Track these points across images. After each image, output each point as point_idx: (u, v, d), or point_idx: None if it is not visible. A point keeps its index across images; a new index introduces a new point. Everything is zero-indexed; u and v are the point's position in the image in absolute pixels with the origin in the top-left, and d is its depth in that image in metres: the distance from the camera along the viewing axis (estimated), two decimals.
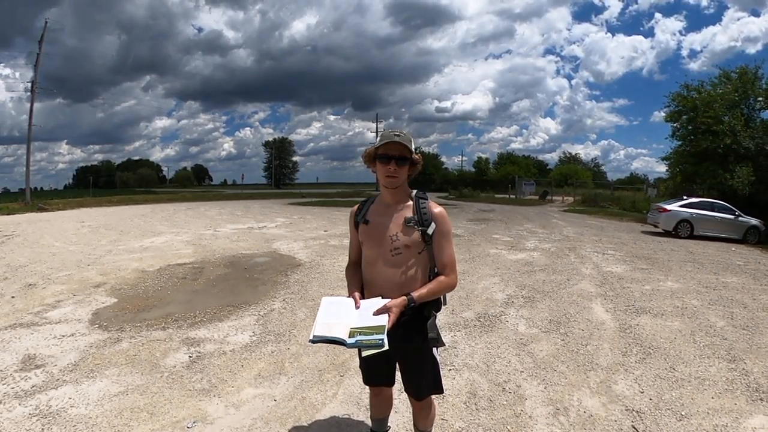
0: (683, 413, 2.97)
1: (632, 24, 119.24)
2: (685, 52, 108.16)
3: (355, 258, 2.05)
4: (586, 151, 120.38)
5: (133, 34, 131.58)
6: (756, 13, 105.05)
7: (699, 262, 8.99)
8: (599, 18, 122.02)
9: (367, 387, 2.26)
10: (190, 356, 3.67)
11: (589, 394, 3.19)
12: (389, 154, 1.82)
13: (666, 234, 13.59)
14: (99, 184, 61.02)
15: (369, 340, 1.61)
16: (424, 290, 1.81)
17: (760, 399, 3.23)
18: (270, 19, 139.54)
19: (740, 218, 13.53)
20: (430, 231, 1.84)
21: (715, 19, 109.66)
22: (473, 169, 55.14)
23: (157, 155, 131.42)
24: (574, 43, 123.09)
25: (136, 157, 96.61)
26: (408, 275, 1.86)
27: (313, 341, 1.66)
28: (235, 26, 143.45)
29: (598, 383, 3.37)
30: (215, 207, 21.21)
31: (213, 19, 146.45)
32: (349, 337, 1.64)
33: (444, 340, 2.01)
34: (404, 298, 1.76)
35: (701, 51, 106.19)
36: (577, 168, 52.10)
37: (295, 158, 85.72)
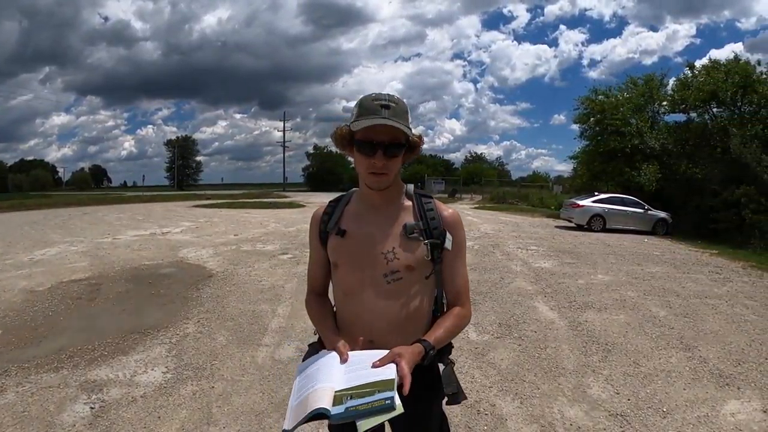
0: (664, 409, 3.03)
1: (538, 34, 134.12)
2: (585, 62, 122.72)
3: (319, 286, 1.50)
4: (489, 151, 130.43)
5: (36, 20, 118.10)
6: (654, 29, 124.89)
7: (619, 254, 9.76)
8: (507, 27, 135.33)
9: None
10: (92, 407, 2.96)
11: (568, 403, 3.09)
12: (375, 140, 1.26)
13: (579, 228, 14.76)
14: None
15: (367, 404, 1.07)
16: (440, 331, 1.31)
17: (727, 384, 3.45)
18: (181, 11, 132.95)
19: (649, 212, 15.21)
20: (448, 245, 1.36)
21: (616, 32, 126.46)
22: None
23: (53, 155, 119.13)
24: (481, 49, 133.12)
25: (30, 157, 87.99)
26: (410, 310, 1.35)
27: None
28: (143, 17, 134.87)
29: (572, 389, 3.29)
30: (114, 211, 19.26)
31: (121, 9, 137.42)
32: (335, 404, 1.09)
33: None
34: (418, 345, 1.24)
35: (601, 61, 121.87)
36: (482, 167, 55.43)
37: (199, 158, 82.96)
